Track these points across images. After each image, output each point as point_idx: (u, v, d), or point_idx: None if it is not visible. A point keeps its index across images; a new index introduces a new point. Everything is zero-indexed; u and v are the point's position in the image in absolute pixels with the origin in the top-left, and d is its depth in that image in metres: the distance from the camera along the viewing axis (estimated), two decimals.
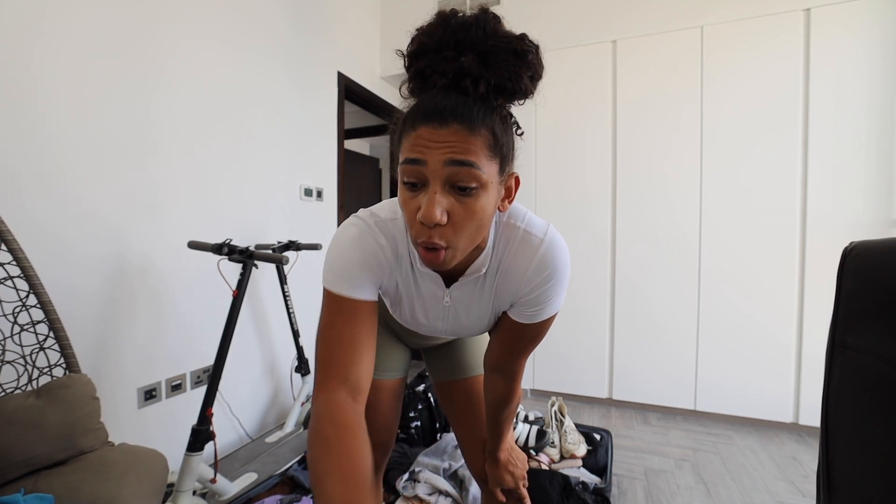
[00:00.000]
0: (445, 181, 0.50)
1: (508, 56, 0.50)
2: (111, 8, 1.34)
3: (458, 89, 0.51)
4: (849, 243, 0.44)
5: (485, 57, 0.50)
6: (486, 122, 0.50)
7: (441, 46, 0.50)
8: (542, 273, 0.61)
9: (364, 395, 0.60)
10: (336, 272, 0.62)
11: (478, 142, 0.49)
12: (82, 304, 1.29)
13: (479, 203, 0.51)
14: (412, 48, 0.53)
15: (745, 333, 2.13)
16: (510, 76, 0.51)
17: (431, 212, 0.49)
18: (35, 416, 0.90)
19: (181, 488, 1.24)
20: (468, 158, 0.49)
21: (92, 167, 1.31)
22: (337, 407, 0.56)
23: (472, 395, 0.93)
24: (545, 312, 0.65)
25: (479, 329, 0.76)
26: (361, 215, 0.65)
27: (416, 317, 0.74)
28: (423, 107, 0.51)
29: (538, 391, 2.57)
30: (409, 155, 0.51)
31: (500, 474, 0.87)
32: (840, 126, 1.97)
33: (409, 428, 1.73)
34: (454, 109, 0.49)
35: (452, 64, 0.50)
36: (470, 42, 0.49)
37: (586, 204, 2.42)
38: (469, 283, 0.66)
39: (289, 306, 1.89)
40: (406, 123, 0.52)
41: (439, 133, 0.49)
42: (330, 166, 2.43)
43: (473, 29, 0.49)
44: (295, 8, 2.11)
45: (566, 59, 2.42)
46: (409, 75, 0.54)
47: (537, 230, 0.62)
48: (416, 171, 0.51)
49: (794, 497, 1.56)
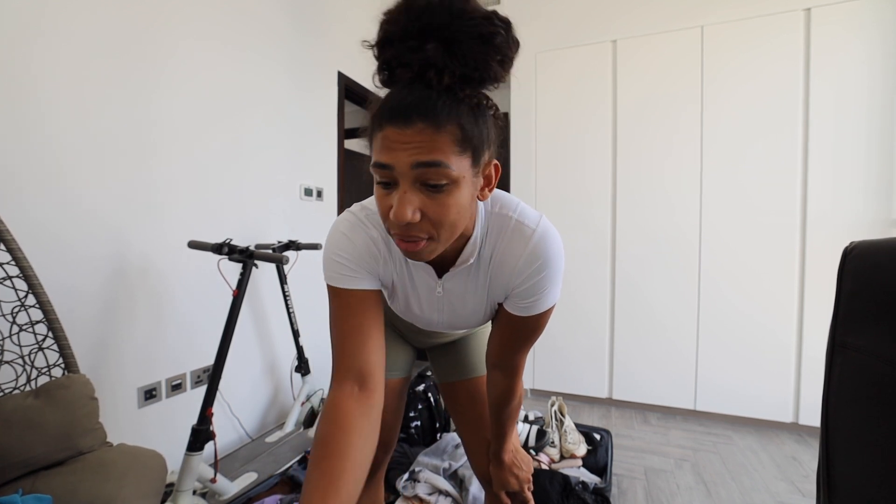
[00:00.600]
0: (414, 180, 0.49)
1: (474, 42, 0.46)
2: (111, 8, 1.34)
3: (423, 81, 0.48)
4: (849, 243, 0.44)
5: (449, 44, 0.46)
6: (453, 117, 0.48)
7: (405, 35, 0.47)
8: (533, 263, 0.61)
9: (374, 379, 0.60)
10: (332, 266, 0.63)
11: (445, 139, 0.48)
12: (82, 304, 1.29)
13: (451, 198, 0.50)
14: (379, 37, 0.49)
15: (746, 333, 2.13)
16: (476, 65, 0.47)
17: (402, 211, 0.49)
18: (33, 417, 0.90)
19: (181, 488, 1.23)
20: (435, 158, 0.47)
21: (92, 167, 1.31)
22: (337, 404, 0.58)
23: (476, 396, 0.93)
24: (540, 305, 0.65)
25: (475, 321, 0.76)
26: (353, 209, 0.67)
27: (411, 308, 0.75)
28: (387, 105, 0.49)
29: (538, 391, 2.57)
30: (377, 158, 0.50)
31: (504, 476, 0.86)
32: (840, 126, 1.96)
33: (409, 428, 1.73)
34: (418, 107, 0.47)
35: (417, 55, 0.47)
36: (434, 27, 0.46)
37: (586, 204, 2.42)
38: (461, 273, 0.66)
39: (289, 306, 1.89)
40: (374, 122, 0.51)
41: (405, 133, 0.47)
42: (330, 166, 2.43)
43: (438, 12, 0.46)
44: (295, 8, 2.11)
45: (566, 59, 2.42)
46: (378, 65, 0.51)
47: (530, 220, 0.62)
48: (385, 174, 0.50)
49: (794, 497, 1.56)
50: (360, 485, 0.54)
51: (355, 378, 0.59)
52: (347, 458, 0.53)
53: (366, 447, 0.56)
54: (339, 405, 0.57)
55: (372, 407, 0.59)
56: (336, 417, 0.56)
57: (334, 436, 0.55)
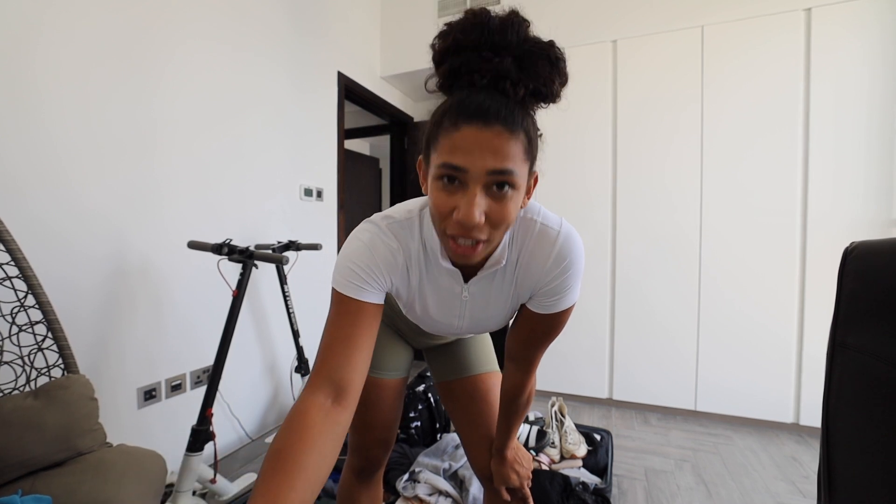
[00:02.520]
0: (485, 185, 0.51)
1: (544, 62, 0.51)
2: (113, 9, 1.34)
3: (497, 90, 0.51)
4: (850, 243, 0.44)
5: (521, 61, 0.51)
6: (524, 126, 0.51)
7: (478, 46, 0.50)
8: (561, 263, 0.64)
9: (349, 396, 0.58)
10: (344, 274, 0.63)
11: (517, 146, 0.51)
12: (82, 304, 1.29)
13: (512, 203, 0.53)
14: (447, 44, 0.52)
15: (746, 333, 2.13)
16: (545, 82, 0.52)
17: (471, 214, 0.50)
18: (33, 417, 0.90)
19: (181, 489, 1.23)
20: (508, 166, 0.50)
21: (92, 167, 1.31)
22: (305, 412, 0.54)
23: (475, 394, 0.93)
24: (563, 302, 0.67)
25: (495, 323, 0.77)
26: (374, 220, 0.66)
27: (429, 315, 0.75)
28: (466, 104, 0.50)
29: (538, 391, 2.57)
30: (449, 159, 0.51)
31: (506, 472, 0.87)
32: (840, 126, 1.96)
33: (409, 428, 1.73)
34: (498, 112, 0.49)
35: (490, 64, 0.50)
36: (506, 44, 0.50)
37: (586, 203, 2.42)
38: (487, 276, 0.67)
39: (289, 306, 1.89)
40: (447, 118, 0.51)
41: (483, 134, 0.49)
42: (330, 166, 2.43)
43: (509, 32, 0.50)
44: (295, 8, 2.11)
45: (566, 59, 2.42)
46: (441, 71, 0.54)
47: (553, 223, 0.65)
48: (455, 174, 0.51)
49: (795, 497, 1.56)
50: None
51: (332, 388, 0.57)
52: (299, 476, 0.49)
53: (323, 467, 0.52)
54: (307, 415, 0.54)
55: (339, 424, 0.56)
56: (299, 428, 0.53)
57: (293, 449, 0.51)
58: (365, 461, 0.94)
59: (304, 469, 0.50)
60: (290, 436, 0.52)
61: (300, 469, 0.50)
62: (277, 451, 0.51)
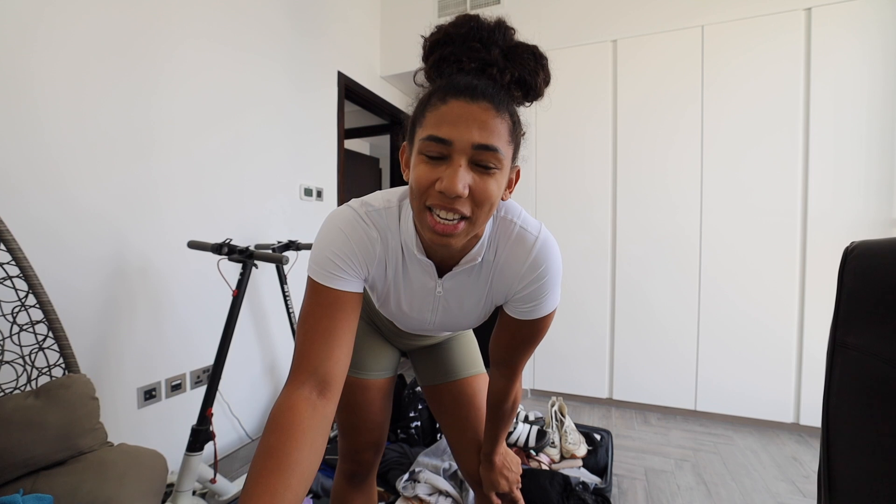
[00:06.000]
0: (470, 159, 0.52)
1: (530, 56, 0.56)
2: (111, 8, 1.34)
3: (485, 75, 0.54)
4: (850, 243, 0.44)
5: (507, 53, 0.55)
6: (509, 108, 0.54)
7: (468, 38, 0.54)
8: (536, 270, 0.63)
9: (333, 389, 0.58)
10: (321, 262, 0.61)
11: (503, 125, 0.52)
12: (82, 304, 1.29)
13: (495, 182, 0.54)
14: (437, 37, 0.56)
15: (746, 333, 2.13)
16: (530, 72, 0.55)
17: (454, 183, 0.51)
18: (34, 417, 0.90)
19: (181, 488, 1.23)
20: (493, 143, 0.52)
21: (92, 167, 1.31)
22: (291, 407, 0.54)
23: (461, 398, 0.92)
24: (541, 309, 0.67)
25: (468, 322, 0.76)
26: (352, 204, 0.64)
27: (402, 309, 0.73)
28: (455, 81, 0.53)
29: (538, 391, 2.57)
30: (434, 132, 0.52)
31: (495, 478, 0.86)
32: (841, 126, 1.96)
33: (409, 428, 1.73)
34: (485, 89, 0.52)
35: (479, 53, 0.54)
36: (494, 40, 0.55)
37: (586, 204, 2.42)
38: (463, 272, 0.66)
39: (289, 306, 1.89)
40: (434, 96, 0.54)
41: (470, 108, 0.51)
42: (330, 166, 2.43)
43: (496, 32, 0.55)
44: (295, 8, 2.11)
45: (566, 59, 2.42)
46: (430, 62, 0.57)
47: (532, 228, 0.65)
48: (440, 149, 0.52)
49: (795, 497, 1.56)
50: (301, 501, 0.50)
51: (316, 382, 0.56)
52: (293, 473, 0.49)
53: (314, 462, 0.52)
54: (294, 410, 0.54)
55: (325, 417, 0.56)
56: (287, 425, 0.52)
57: (284, 446, 0.50)
58: (356, 465, 0.92)
59: (298, 465, 0.50)
60: (281, 433, 0.52)
61: (294, 466, 0.49)
62: (269, 448, 0.50)
